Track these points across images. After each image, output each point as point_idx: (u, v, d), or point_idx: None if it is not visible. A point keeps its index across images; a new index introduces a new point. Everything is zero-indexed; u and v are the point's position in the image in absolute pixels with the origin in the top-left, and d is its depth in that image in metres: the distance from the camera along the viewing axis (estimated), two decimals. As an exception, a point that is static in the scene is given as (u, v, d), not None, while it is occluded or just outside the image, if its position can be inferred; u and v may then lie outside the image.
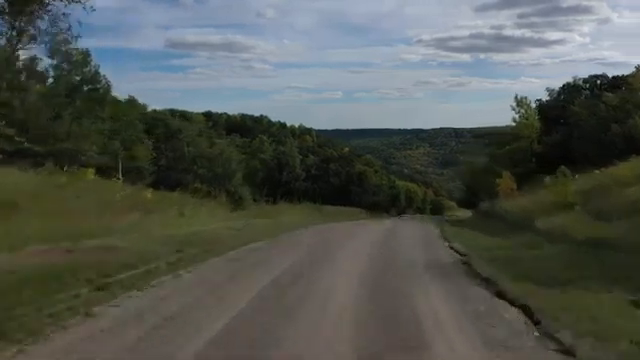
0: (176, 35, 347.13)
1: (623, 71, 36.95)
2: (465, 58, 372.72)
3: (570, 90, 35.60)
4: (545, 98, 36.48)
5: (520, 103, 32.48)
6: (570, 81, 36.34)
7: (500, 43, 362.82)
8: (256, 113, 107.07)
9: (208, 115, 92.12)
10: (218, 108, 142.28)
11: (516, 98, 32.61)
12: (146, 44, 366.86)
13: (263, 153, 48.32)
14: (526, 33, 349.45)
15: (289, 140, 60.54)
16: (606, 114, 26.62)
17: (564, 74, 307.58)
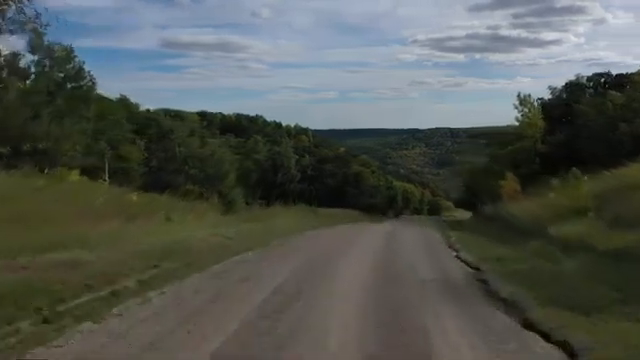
0: (171, 35, 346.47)
1: (619, 71, 36.01)
2: (460, 58, 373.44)
3: (573, 88, 34.50)
4: (547, 97, 35.39)
5: (523, 102, 31.35)
6: (573, 79, 35.27)
7: (496, 43, 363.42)
8: (251, 113, 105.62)
9: (203, 115, 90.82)
10: (213, 108, 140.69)
11: (519, 96, 31.51)
12: (141, 44, 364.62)
13: (257, 153, 47.00)
14: (522, 33, 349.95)
15: (284, 140, 59.25)
16: (614, 113, 25.56)
17: (560, 74, 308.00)
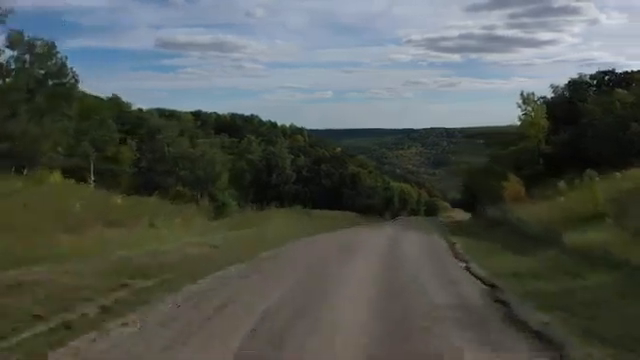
0: (167, 35, 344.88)
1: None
2: (456, 58, 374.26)
3: (576, 87, 33.45)
4: (549, 95, 34.33)
5: (526, 100, 30.18)
6: (575, 77, 34.26)
7: (491, 43, 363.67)
8: (247, 113, 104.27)
9: (197, 115, 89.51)
10: (209, 108, 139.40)
11: (522, 95, 30.32)
12: (137, 44, 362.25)
13: (251, 154, 45.71)
14: (517, 33, 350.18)
15: (279, 140, 58.02)
16: (623, 112, 24.49)
17: (556, 74, 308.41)
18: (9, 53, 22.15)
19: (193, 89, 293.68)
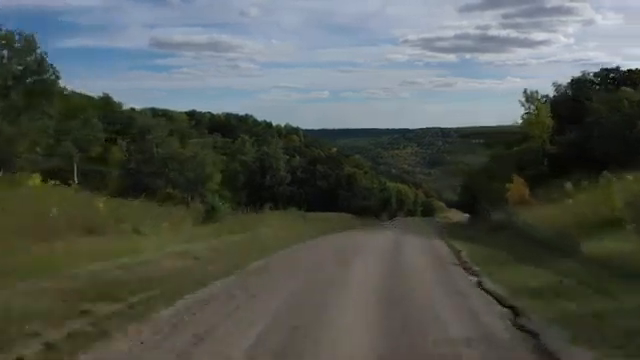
0: (161, 34, 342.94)
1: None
2: (451, 58, 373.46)
3: (580, 85, 32.46)
4: (552, 94, 33.35)
5: (530, 99, 29.10)
6: (579, 75, 33.31)
7: (485, 43, 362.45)
8: (242, 112, 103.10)
9: (191, 114, 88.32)
10: (204, 108, 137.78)
11: (525, 93, 29.24)
12: (131, 43, 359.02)
13: (245, 154, 44.50)
14: (511, 33, 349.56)
15: (273, 140, 56.84)
16: (630, 110, 23.51)
17: (550, 74, 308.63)
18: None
19: (188, 89, 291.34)
